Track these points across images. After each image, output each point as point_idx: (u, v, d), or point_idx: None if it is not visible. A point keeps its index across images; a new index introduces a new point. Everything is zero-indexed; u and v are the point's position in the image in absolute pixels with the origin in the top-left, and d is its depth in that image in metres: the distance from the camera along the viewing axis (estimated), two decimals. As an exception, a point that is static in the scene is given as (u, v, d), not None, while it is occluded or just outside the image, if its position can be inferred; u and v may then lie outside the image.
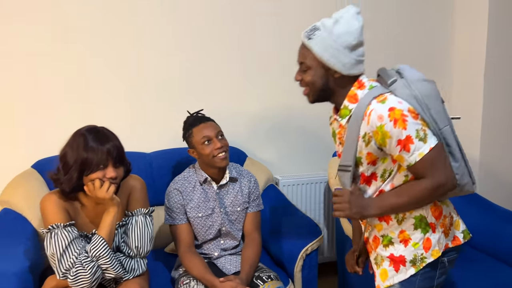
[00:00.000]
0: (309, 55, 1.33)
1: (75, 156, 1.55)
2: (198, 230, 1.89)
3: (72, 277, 1.51)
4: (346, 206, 1.31)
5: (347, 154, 1.35)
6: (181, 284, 1.78)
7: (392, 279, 1.38)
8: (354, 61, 1.31)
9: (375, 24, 2.72)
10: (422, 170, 1.27)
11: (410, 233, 1.36)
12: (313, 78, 1.34)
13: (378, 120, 1.25)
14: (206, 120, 1.89)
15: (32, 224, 1.92)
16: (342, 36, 1.28)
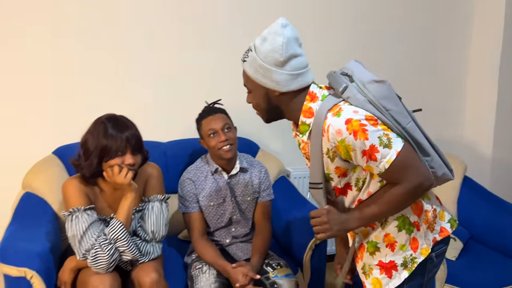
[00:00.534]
0: (246, 77, 1.31)
1: (95, 143, 1.62)
2: (210, 218, 1.96)
3: (91, 258, 1.59)
4: (327, 226, 1.25)
5: (315, 171, 1.30)
6: (193, 268, 1.85)
7: (387, 286, 1.34)
8: (288, 76, 1.24)
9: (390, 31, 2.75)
10: (394, 176, 1.22)
11: (395, 236, 1.31)
12: (256, 100, 1.31)
13: (337, 136, 1.20)
14: (215, 112, 1.94)
15: (53, 207, 2.00)
16: (268, 54, 1.23)
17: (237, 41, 2.52)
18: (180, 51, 2.45)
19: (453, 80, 3.01)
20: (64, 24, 2.26)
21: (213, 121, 1.90)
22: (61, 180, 2.10)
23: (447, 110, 3.03)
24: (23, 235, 1.75)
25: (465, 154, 2.94)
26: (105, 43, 2.33)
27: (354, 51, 2.73)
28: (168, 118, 2.49)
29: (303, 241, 2.02)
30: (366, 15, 2.74)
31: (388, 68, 2.81)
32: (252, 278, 1.71)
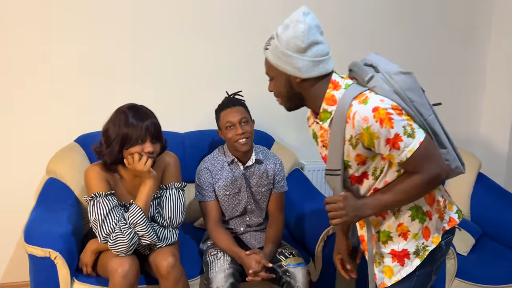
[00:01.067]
0: (269, 65, 1.32)
1: (116, 131, 1.69)
2: (225, 207, 2.01)
3: (112, 241, 1.67)
4: (343, 212, 1.27)
5: (333, 158, 1.31)
6: (209, 254, 1.91)
7: (399, 274, 1.36)
8: (309, 63, 1.26)
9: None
10: (415, 165, 1.24)
11: (408, 225, 1.34)
12: (278, 88, 1.33)
13: (363, 122, 1.21)
14: (234, 104, 1.97)
15: (75, 193, 2.09)
16: (291, 41, 1.25)
17: (255, 33, 2.56)
18: (199, 46, 2.50)
19: (471, 77, 3.00)
20: (88, 16, 2.33)
21: (231, 114, 1.93)
22: (82, 167, 2.18)
23: (463, 107, 3.02)
24: (47, 218, 1.83)
25: (480, 151, 2.93)
26: (129, 34, 2.39)
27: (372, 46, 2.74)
28: (186, 109, 2.55)
29: (316, 232, 2.05)
30: (381, 12, 2.75)
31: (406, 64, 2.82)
32: (264, 265, 1.76)
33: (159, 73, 2.48)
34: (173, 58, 2.49)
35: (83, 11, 2.31)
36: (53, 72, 2.33)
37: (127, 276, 1.63)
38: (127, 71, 2.43)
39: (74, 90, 2.37)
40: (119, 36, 2.39)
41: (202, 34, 2.50)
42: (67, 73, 2.35)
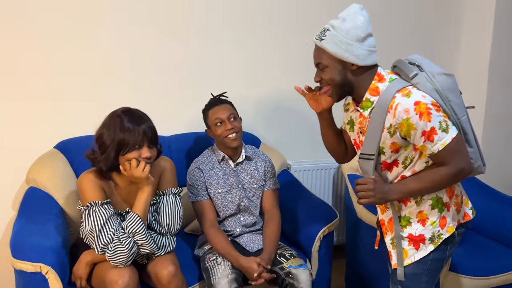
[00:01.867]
0: (323, 55, 1.42)
1: (112, 137, 1.61)
2: (218, 205, 1.99)
3: (110, 251, 1.58)
4: (371, 193, 1.40)
5: (370, 144, 1.43)
6: (208, 260, 1.86)
7: (413, 257, 1.49)
8: (366, 51, 1.40)
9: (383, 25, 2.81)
10: (444, 158, 1.37)
11: (428, 213, 1.47)
12: (332, 75, 1.42)
13: (404, 114, 1.33)
14: (221, 102, 2.00)
15: (58, 202, 1.97)
16: (351, 31, 1.38)
17: (239, 33, 2.53)
18: (182, 48, 2.44)
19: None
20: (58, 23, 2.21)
21: (220, 111, 1.96)
22: (65, 175, 2.08)
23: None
24: (33, 230, 1.72)
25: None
26: (104, 40, 2.29)
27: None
28: (171, 112, 2.47)
29: (311, 232, 2.05)
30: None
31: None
32: (264, 267, 1.74)
33: (141, 75, 2.39)
34: (156, 59, 2.41)
35: (52, 13, 2.19)
36: (28, 76, 2.20)
37: (128, 287, 1.55)
38: (108, 74, 2.33)
39: (51, 94, 2.25)
40: (97, 37, 2.28)
41: (183, 40, 2.43)
42: (43, 77, 2.22)
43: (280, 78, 2.66)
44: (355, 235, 2.38)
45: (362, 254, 2.35)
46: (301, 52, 2.64)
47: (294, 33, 2.63)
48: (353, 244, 2.42)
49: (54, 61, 2.23)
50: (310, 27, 2.64)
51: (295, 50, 2.65)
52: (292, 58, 2.65)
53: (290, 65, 2.66)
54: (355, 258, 2.41)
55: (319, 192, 2.75)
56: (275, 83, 2.65)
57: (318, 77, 1.46)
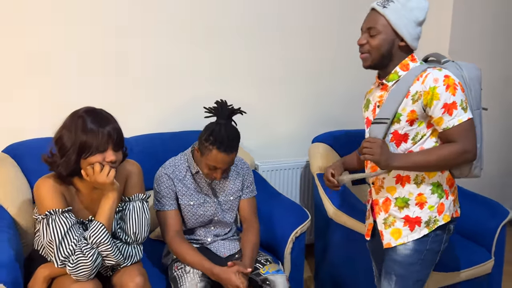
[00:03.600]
0: (381, 21, 1.47)
1: (73, 139, 1.47)
2: (188, 217, 1.85)
3: (72, 265, 1.45)
4: (378, 151, 1.42)
5: (387, 108, 1.48)
6: (175, 269, 1.75)
7: (406, 237, 1.53)
8: (417, 35, 1.49)
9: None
10: (456, 134, 1.42)
11: (427, 197, 1.51)
12: (381, 42, 1.47)
13: (433, 82, 1.41)
14: (232, 151, 1.71)
15: (9, 211, 1.80)
16: (414, 10, 1.45)
17: (204, 35, 2.44)
18: (146, 47, 2.32)
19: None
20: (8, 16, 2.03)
21: (223, 160, 1.70)
22: (16, 181, 1.91)
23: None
24: (-18, 244, 1.55)
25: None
26: (59, 37, 2.14)
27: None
28: (132, 112, 2.34)
29: (283, 234, 2.00)
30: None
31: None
32: (243, 272, 1.64)
33: (99, 72, 2.25)
34: (115, 56, 2.26)
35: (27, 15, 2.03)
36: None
37: None
38: (64, 71, 2.17)
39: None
40: (52, 33, 2.12)
41: (148, 40, 2.31)
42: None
43: (246, 78, 2.59)
44: (324, 234, 2.35)
45: (332, 253, 2.32)
46: (269, 51, 2.59)
47: (265, 32, 2.58)
48: (323, 244, 2.38)
49: (11, 55, 2.06)
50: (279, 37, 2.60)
51: (263, 46, 2.59)
52: (261, 56, 2.60)
53: (259, 63, 2.60)
54: (325, 257, 2.38)
55: (287, 192, 2.70)
56: (242, 82, 2.58)
57: (365, 40, 1.49)
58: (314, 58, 2.74)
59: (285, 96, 2.71)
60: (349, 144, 2.50)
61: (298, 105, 2.75)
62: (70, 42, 2.17)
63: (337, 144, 2.50)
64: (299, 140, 2.75)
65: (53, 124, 1.56)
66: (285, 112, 2.73)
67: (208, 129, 1.72)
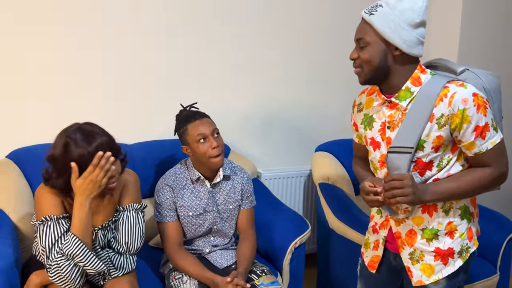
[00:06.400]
0: (369, 31, 1.28)
1: (63, 161, 1.48)
2: (187, 227, 1.85)
3: (52, 275, 1.46)
4: (410, 190, 1.23)
5: (407, 135, 1.29)
6: (173, 278, 1.75)
7: (440, 273, 1.37)
8: (415, 39, 1.27)
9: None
10: (490, 158, 1.28)
11: (457, 224, 1.36)
12: (371, 55, 1.29)
13: (462, 103, 1.23)
14: (202, 116, 1.80)
15: (11, 217, 1.82)
16: (406, 12, 1.25)
17: (204, 38, 2.44)
18: (148, 54, 2.33)
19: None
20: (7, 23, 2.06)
21: (202, 126, 1.75)
22: (19, 187, 1.94)
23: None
24: (-18, 249, 1.57)
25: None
26: (60, 41, 2.15)
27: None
28: (133, 118, 2.36)
29: (282, 245, 1.98)
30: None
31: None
32: (243, 287, 1.62)
33: (103, 79, 2.26)
34: (116, 63, 2.27)
35: (22, 23, 2.05)
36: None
37: None
38: (66, 78, 2.19)
39: (3, 101, 2.10)
40: (55, 44, 2.14)
41: (143, 44, 2.31)
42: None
43: (249, 85, 2.58)
44: (327, 244, 2.33)
45: (334, 264, 2.30)
46: (271, 59, 2.59)
47: (267, 39, 2.57)
48: (325, 254, 2.36)
49: (3, 65, 2.07)
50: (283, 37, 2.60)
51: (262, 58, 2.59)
52: (259, 67, 2.59)
53: (261, 71, 2.59)
54: (327, 268, 2.36)
55: (290, 201, 2.68)
56: (245, 90, 2.58)
57: (356, 54, 1.32)
58: (318, 64, 2.73)
59: (289, 105, 2.70)
60: (352, 153, 2.49)
61: (302, 113, 2.74)
62: (77, 47, 2.19)
63: (340, 153, 2.48)
64: (302, 149, 2.73)
65: (54, 130, 1.58)
66: (288, 120, 2.72)
67: (176, 123, 1.86)
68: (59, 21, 2.14)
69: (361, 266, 1.63)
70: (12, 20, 2.06)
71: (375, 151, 1.41)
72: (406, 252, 1.41)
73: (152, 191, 2.15)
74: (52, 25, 2.13)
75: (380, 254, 1.49)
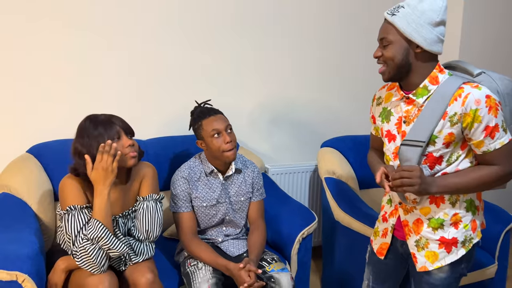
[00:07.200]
0: (391, 30, 1.37)
1: (87, 142, 1.60)
2: (201, 218, 1.95)
3: (78, 260, 1.56)
4: (418, 181, 1.32)
5: (421, 130, 1.38)
6: (188, 265, 1.84)
7: (443, 260, 1.46)
8: (436, 37, 1.35)
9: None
10: (497, 158, 1.36)
11: (462, 216, 1.44)
12: (394, 53, 1.37)
13: (474, 104, 1.31)
14: (216, 112, 1.90)
15: (32, 208, 1.92)
16: (426, 12, 1.34)
17: (218, 38, 2.52)
18: (160, 51, 2.42)
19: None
20: (25, 26, 2.16)
21: (216, 122, 1.85)
22: (39, 180, 2.03)
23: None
24: (8, 238, 1.66)
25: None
26: (77, 42, 2.25)
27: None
28: (147, 115, 2.45)
29: (291, 235, 2.07)
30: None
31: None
32: (255, 273, 1.72)
33: (118, 77, 2.36)
34: (131, 61, 2.38)
35: (15, 15, 2.13)
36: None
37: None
38: (82, 76, 2.29)
39: (23, 97, 2.19)
40: (72, 41, 2.24)
41: (157, 41, 2.41)
42: (13, 80, 2.16)
43: (257, 83, 2.67)
44: (332, 236, 2.42)
45: (339, 255, 2.39)
46: (279, 56, 2.67)
47: (275, 38, 2.66)
48: (330, 246, 2.45)
49: (24, 63, 2.17)
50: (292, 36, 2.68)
51: (273, 52, 2.68)
52: (268, 61, 2.68)
53: (267, 70, 2.68)
54: (332, 260, 2.45)
55: (296, 195, 2.78)
56: (252, 88, 2.67)
57: (379, 52, 1.41)
58: (324, 62, 2.81)
59: (296, 103, 2.79)
60: (357, 149, 2.58)
61: (308, 111, 2.83)
62: (95, 46, 2.28)
63: (345, 149, 2.58)
64: (309, 145, 2.83)
65: (72, 127, 1.70)
66: (295, 118, 2.81)
67: (191, 119, 1.95)
68: (75, 22, 2.24)
69: (370, 253, 1.72)
70: (25, 18, 2.16)
71: (390, 143, 1.50)
72: (413, 239, 1.50)
73: (165, 185, 2.25)
74: (69, 27, 2.23)
75: (388, 242, 1.59)
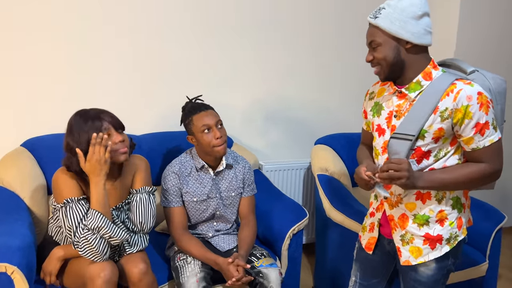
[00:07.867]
0: (377, 33, 1.39)
1: (77, 138, 1.61)
2: (192, 213, 1.96)
3: (81, 250, 1.58)
4: (405, 174, 1.32)
5: (411, 124, 1.38)
6: (178, 259, 1.86)
7: (427, 256, 1.47)
8: (422, 30, 1.37)
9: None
10: (485, 155, 1.36)
11: (448, 213, 1.45)
12: (385, 53, 1.39)
13: (466, 100, 1.32)
14: (206, 108, 1.91)
15: (25, 201, 1.94)
16: (407, 8, 1.35)
17: (210, 34, 2.53)
18: (155, 47, 2.43)
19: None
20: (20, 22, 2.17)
21: (206, 117, 1.86)
22: (32, 173, 2.05)
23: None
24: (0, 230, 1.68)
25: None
26: (68, 38, 2.26)
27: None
28: (140, 110, 2.46)
29: (281, 231, 2.08)
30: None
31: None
32: (243, 267, 1.73)
33: (111, 72, 2.37)
34: (122, 56, 2.38)
35: (12, 12, 2.15)
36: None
37: (111, 280, 1.55)
38: (74, 71, 2.30)
39: (17, 92, 2.21)
40: (66, 35, 2.25)
41: (148, 37, 2.41)
42: (6, 75, 2.17)
43: (252, 79, 2.68)
44: (324, 233, 2.43)
45: (331, 252, 2.40)
46: (274, 57, 2.69)
47: (272, 35, 2.67)
48: (322, 243, 2.46)
49: (19, 57, 2.18)
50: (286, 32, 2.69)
51: (271, 51, 2.69)
52: (265, 61, 2.69)
53: (261, 67, 2.69)
54: (324, 256, 2.46)
55: (290, 192, 2.79)
56: (247, 84, 2.68)
57: (370, 56, 1.42)
58: (318, 60, 2.82)
59: (290, 100, 2.80)
60: (350, 146, 2.59)
61: (302, 108, 2.84)
62: (86, 42, 2.29)
63: (338, 146, 2.59)
64: (303, 142, 2.84)
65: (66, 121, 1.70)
66: (289, 115, 2.82)
67: (182, 114, 1.95)
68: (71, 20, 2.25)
69: (358, 249, 1.73)
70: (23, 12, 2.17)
71: (379, 137, 1.51)
72: (398, 234, 1.51)
73: (159, 180, 2.26)
74: (65, 23, 2.24)
75: (375, 236, 1.60)
